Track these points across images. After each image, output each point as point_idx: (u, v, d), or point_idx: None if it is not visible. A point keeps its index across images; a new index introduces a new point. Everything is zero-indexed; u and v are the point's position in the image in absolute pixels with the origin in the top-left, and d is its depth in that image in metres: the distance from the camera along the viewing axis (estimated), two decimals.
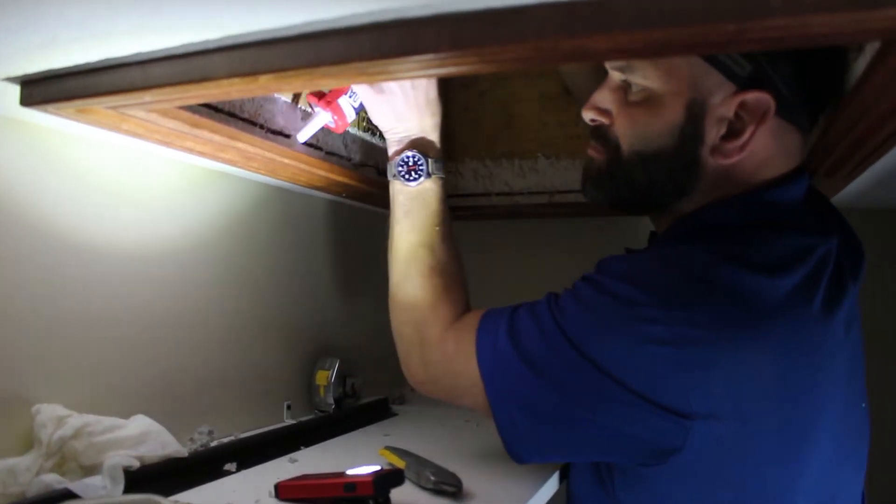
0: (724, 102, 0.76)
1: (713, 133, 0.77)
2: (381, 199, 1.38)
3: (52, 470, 0.80)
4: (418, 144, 0.95)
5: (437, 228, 0.94)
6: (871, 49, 0.64)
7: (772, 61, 0.74)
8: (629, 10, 0.46)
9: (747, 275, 0.70)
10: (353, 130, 1.21)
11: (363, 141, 1.24)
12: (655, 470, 0.75)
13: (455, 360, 0.87)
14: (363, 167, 1.23)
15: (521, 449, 0.82)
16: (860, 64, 0.69)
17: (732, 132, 0.77)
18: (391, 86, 0.92)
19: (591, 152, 0.88)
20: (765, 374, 0.70)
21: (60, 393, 0.87)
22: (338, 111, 0.95)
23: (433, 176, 0.95)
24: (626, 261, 0.78)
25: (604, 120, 0.85)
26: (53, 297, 0.87)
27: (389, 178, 0.97)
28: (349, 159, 1.19)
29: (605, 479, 0.84)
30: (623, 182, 0.85)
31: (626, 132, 0.82)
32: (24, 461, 0.79)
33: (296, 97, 1.01)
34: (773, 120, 0.76)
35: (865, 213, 1.39)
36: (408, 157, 0.95)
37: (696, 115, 0.77)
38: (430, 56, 0.53)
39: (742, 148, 0.77)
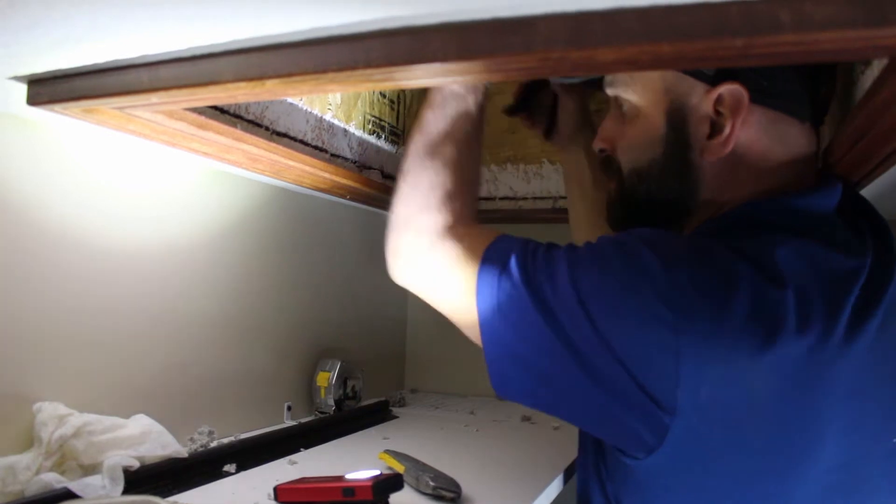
0: (700, 102, 0.76)
1: (699, 134, 0.77)
2: (384, 201, 1.38)
3: (51, 469, 0.80)
4: None
5: (469, 131, 0.91)
6: (878, 64, 0.64)
7: None
8: (638, 24, 0.45)
9: (769, 286, 0.68)
10: (359, 133, 1.21)
11: (368, 144, 1.24)
12: (639, 471, 0.74)
13: (455, 262, 0.81)
14: (368, 170, 1.24)
15: (504, 391, 0.77)
16: (868, 78, 0.69)
17: (716, 129, 0.76)
18: None
19: (608, 183, 0.89)
20: (765, 389, 0.68)
21: (61, 391, 0.87)
22: None
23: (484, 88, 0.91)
24: (658, 233, 0.74)
25: (607, 147, 0.86)
26: (56, 295, 0.87)
27: None
28: (354, 162, 1.19)
29: (604, 479, 0.83)
30: (631, 204, 0.84)
31: (623, 154, 0.83)
32: (23, 459, 0.79)
33: None
34: (757, 110, 0.75)
35: None
36: None
37: (676, 121, 0.78)
38: (437, 65, 0.53)
39: (725, 142, 0.75)
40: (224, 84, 0.62)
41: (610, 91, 0.84)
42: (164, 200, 1.03)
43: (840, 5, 0.41)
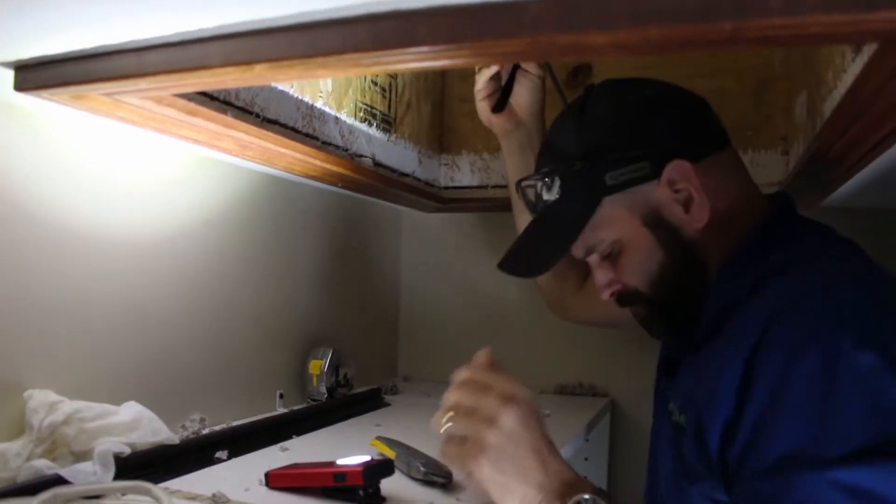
0: (660, 195, 0.83)
1: (677, 216, 0.84)
2: (376, 189, 1.38)
3: (42, 455, 0.80)
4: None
5: None
6: (868, 50, 0.64)
7: (658, 139, 0.84)
8: (627, 7, 0.45)
9: None
10: (350, 120, 1.20)
11: (359, 131, 1.23)
12: None
13: None
14: (359, 157, 1.23)
15: None
16: (857, 64, 0.69)
17: (687, 202, 0.83)
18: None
19: (633, 312, 0.92)
20: None
21: (52, 379, 0.87)
22: None
23: None
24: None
25: (616, 288, 0.90)
26: (46, 283, 0.87)
27: None
28: (345, 149, 1.19)
29: None
30: (671, 307, 0.88)
31: (633, 279, 0.87)
32: (14, 446, 0.79)
33: None
34: (699, 166, 0.83)
35: (861, 212, 1.39)
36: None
37: (655, 221, 0.84)
38: (426, 48, 0.53)
39: (701, 205, 0.82)
40: (213, 69, 0.61)
41: (590, 250, 0.89)
42: (154, 188, 1.03)
43: None
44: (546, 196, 0.89)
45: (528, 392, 0.77)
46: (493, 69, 1.11)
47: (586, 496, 0.68)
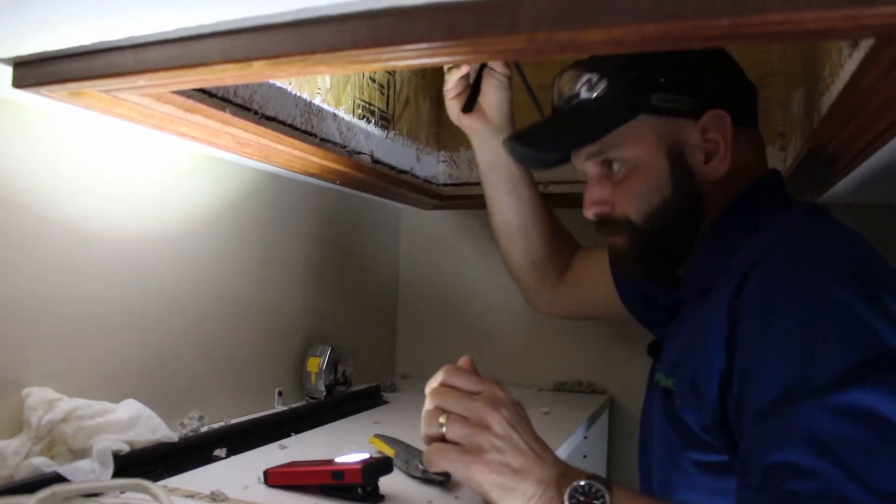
0: (690, 135, 0.85)
1: (698, 161, 0.86)
2: (374, 186, 1.38)
3: (41, 453, 0.80)
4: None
5: None
6: (865, 45, 0.64)
7: (712, 87, 0.87)
8: (624, 4, 0.45)
9: None
10: (348, 117, 1.20)
11: (358, 128, 1.23)
12: None
13: None
14: (357, 154, 1.23)
15: None
16: (854, 60, 0.69)
17: (710, 154, 0.86)
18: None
19: (610, 241, 0.93)
20: None
21: (50, 376, 0.87)
22: None
23: None
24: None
25: (605, 209, 0.91)
26: (44, 280, 0.87)
27: None
28: (344, 146, 1.19)
29: None
30: (654, 246, 0.89)
31: (630, 204, 0.88)
32: (12, 444, 0.79)
33: None
34: (736, 130, 0.86)
35: (859, 208, 1.39)
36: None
37: (676, 157, 0.86)
38: (424, 45, 0.53)
39: (723, 161, 0.85)
40: (211, 66, 0.61)
41: (596, 159, 0.90)
42: (152, 185, 1.03)
43: None
44: (584, 94, 0.89)
45: (511, 395, 0.79)
46: (464, 69, 1.11)
47: (582, 482, 0.69)
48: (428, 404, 0.79)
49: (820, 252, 0.69)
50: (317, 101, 1.11)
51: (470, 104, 1.13)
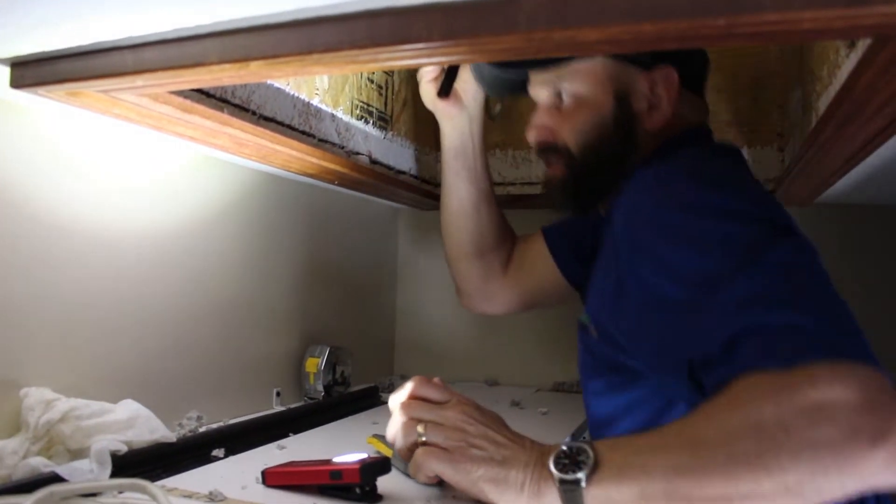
0: (639, 85, 0.92)
1: (641, 108, 0.92)
2: (372, 187, 1.38)
3: (39, 453, 0.80)
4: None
5: None
6: (862, 45, 0.65)
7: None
8: (621, 3, 0.46)
9: None
10: (347, 118, 1.20)
11: (356, 129, 1.23)
12: None
13: None
14: (356, 155, 1.23)
15: None
16: (852, 60, 0.69)
17: (653, 106, 0.92)
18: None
19: (549, 171, 0.99)
20: None
21: (48, 377, 0.87)
22: None
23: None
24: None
25: (548, 136, 0.97)
26: (42, 280, 0.87)
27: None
28: (342, 147, 1.19)
29: None
30: (585, 178, 0.95)
31: (572, 135, 0.94)
32: (10, 444, 0.79)
33: None
34: (682, 90, 0.92)
35: (857, 208, 1.40)
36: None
37: (621, 100, 0.92)
38: (422, 45, 0.53)
39: (663, 114, 0.92)
40: (209, 66, 0.62)
41: (549, 87, 0.96)
42: (150, 185, 1.03)
43: None
44: None
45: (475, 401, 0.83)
46: None
47: (564, 447, 0.71)
48: (401, 417, 0.82)
49: (691, 167, 0.82)
50: (315, 101, 1.11)
51: (446, 88, 1.11)
